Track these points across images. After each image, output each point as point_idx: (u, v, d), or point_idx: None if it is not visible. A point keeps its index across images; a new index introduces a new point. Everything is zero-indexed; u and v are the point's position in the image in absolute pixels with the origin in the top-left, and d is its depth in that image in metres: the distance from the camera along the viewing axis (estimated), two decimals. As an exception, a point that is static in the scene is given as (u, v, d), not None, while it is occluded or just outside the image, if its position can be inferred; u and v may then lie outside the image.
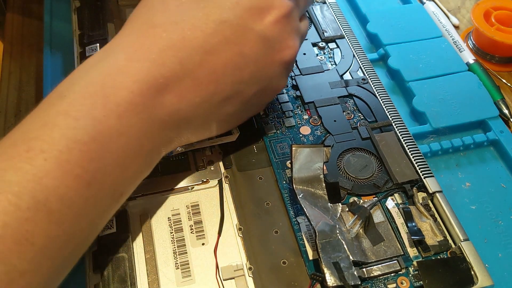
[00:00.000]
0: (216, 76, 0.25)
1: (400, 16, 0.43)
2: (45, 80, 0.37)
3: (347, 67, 0.37)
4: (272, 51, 0.27)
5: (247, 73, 0.26)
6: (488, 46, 0.42)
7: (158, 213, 0.28)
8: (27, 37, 0.42)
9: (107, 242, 0.26)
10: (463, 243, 0.27)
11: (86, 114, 0.21)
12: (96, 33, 0.37)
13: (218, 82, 0.25)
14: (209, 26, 0.24)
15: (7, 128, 0.36)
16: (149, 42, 0.24)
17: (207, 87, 0.25)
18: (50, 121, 0.21)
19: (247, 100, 0.27)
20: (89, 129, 0.21)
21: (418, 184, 0.30)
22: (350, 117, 0.33)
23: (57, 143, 0.21)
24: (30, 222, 0.19)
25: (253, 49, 0.26)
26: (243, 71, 0.26)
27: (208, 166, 0.30)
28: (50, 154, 0.20)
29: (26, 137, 0.21)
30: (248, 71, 0.26)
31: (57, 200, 0.20)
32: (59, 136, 0.21)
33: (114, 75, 0.23)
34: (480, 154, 0.35)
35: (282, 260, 0.26)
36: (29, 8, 0.45)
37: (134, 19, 0.26)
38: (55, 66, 0.38)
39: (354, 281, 0.24)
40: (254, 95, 0.27)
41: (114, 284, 0.25)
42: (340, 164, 0.31)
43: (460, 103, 0.36)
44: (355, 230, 0.27)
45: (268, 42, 0.26)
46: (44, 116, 0.22)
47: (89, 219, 0.22)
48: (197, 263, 0.26)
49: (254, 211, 0.28)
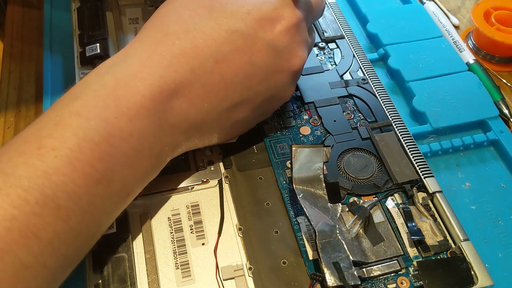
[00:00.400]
0: (225, 83, 0.26)
1: (400, 16, 0.43)
2: (45, 80, 0.37)
3: (347, 67, 0.37)
4: (281, 61, 0.27)
5: (256, 81, 0.27)
6: (488, 46, 0.42)
7: (158, 213, 0.28)
8: (27, 37, 0.42)
9: (107, 242, 0.26)
10: (463, 243, 0.27)
11: (98, 115, 0.22)
12: (96, 33, 0.37)
13: (228, 89, 0.26)
14: (221, 36, 0.25)
15: (6, 128, 0.36)
16: (162, 49, 0.25)
17: (217, 94, 0.26)
18: (63, 121, 0.22)
19: (254, 107, 0.28)
20: (100, 129, 0.22)
21: (418, 184, 0.30)
22: (350, 117, 0.33)
23: (68, 142, 0.21)
24: (38, 216, 0.20)
25: (262, 58, 0.26)
26: (252, 79, 0.27)
27: (208, 166, 0.30)
28: (61, 152, 0.21)
29: (38, 135, 0.21)
30: (257, 79, 0.27)
31: (65, 197, 0.21)
32: (70, 135, 0.21)
33: (127, 79, 0.23)
34: (480, 154, 0.35)
35: (282, 260, 0.26)
36: (29, 8, 0.45)
37: (149, 27, 0.26)
38: (55, 66, 0.38)
39: (354, 281, 0.24)
40: (261, 102, 0.28)
41: (114, 284, 0.25)
42: (340, 164, 0.31)
43: (460, 103, 0.36)
44: (355, 230, 0.27)
45: (277, 52, 0.27)
46: (56, 115, 0.22)
47: (96, 217, 0.23)
48: (197, 263, 0.26)
49: (254, 211, 0.28)
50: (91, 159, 0.22)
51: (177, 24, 0.25)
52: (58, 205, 0.20)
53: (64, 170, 0.21)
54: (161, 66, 0.24)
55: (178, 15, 0.26)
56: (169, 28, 0.25)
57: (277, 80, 0.28)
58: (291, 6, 0.27)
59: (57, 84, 0.37)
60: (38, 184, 0.20)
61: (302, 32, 0.28)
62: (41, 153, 0.21)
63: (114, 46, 0.37)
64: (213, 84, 0.25)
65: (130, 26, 0.39)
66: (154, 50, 0.24)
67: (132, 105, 0.23)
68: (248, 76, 0.26)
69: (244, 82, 0.26)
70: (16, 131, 0.35)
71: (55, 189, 0.20)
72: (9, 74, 0.39)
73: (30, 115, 0.36)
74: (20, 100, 0.37)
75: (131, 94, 0.23)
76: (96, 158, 0.22)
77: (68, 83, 0.36)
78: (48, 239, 0.20)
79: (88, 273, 0.25)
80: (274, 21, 0.27)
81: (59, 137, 0.21)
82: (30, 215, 0.19)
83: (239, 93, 0.27)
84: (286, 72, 0.28)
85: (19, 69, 0.39)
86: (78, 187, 0.21)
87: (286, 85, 0.29)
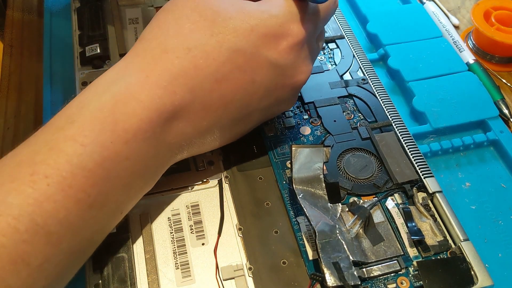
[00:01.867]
0: (225, 102, 0.25)
1: (400, 16, 0.43)
2: (45, 80, 0.37)
3: (347, 67, 0.37)
4: (284, 78, 0.26)
5: (256, 98, 0.26)
6: (488, 46, 0.42)
7: (158, 213, 0.28)
8: (27, 38, 0.42)
9: (107, 242, 0.26)
10: (463, 243, 0.27)
11: (94, 141, 0.22)
12: (96, 33, 0.37)
13: (227, 107, 0.25)
14: (222, 54, 0.24)
15: (6, 129, 0.36)
16: (160, 68, 0.23)
17: (215, 112, 0.25)
18: (57, 146, 0.21)
19: (253, 122, 0.28)
20: (95, 155, 0.21)
21: (418, 184, 0.30)
22: (350, 117, 0.33)
23: (61, 169, 0.21)
24: (28, 243, 0.19)
25: (264, 76, 0.25)
26: (252, 96, 0.26)
27: (208, 166, 0.30)
28: (54, 179, 0.20)
29: (32, 159, 0.21)
30: (257, 96, 0.26)
31: (56, 223, 0.20)
32: (64, 162, 0.21)
33: (125, 101, 0.23)
34: (480, 154, 0.35)
35: (282, 260, 0.26)
36: (29, 8, 0.45)
37: (147, 39, 0.25)
38: (55, 66, 0.38)
39: (354, 281, 0.24)
40: (260, 116, 0.28)
41: (114, 284, 0.25)
42: (340, 164, 0.31)
43: (460, 103, 0.36)
44: (355, 230, 0.27)
45: (280, 69, 0.26)
46: (51, 139, 0.22)
47: (88, 237, 0.23)
48: (197, 263, 0.26)
49: (254, 211, 0.28)
50: (84, 185, 0.21)
51: (177, 38, 0.24)
52: (48, 231, 0.20)
53: (56, 197, 0.20)
54: (160, 87, 0.23)
55: (178, 28, 0.24)
56: (168, 43, 0.24)
57: (279, 96, 0.27)
58: (298, 21, 0.26)
59: (57, 84, 0.37)
60: (28, 212, 0.20)
61: (309, 46, 0.27)
62: (34, 179, 0.20)
63: (114, 46, 0.37)
64: (212, 103, 0.25)
65: (130, 26, 0.39)
66: (153, 69, 0.23)
67: (129, 128, 0.22)
68: (248, 93, 0.25)
69: (244, 99, 0.26)
70: (16, 132, 0.35)
71: (46, 216, 0.20)
72: (9, 74, 0.39)
73: (30, 116, 0.36)
74: (20, 101, 0.37)
75: (128, 117, 0.22)
76: (90, 184, 0.21)
77: (68, 83, 0.36)
78: (37, 264, 0.20)
79: (88, 273, 0.25)
80: (279, 37, 0.25)
81: (52, 164, 0.21)
82: (19, 242, 0.19)
83: (239, 110, 0.26)
84: (288, 88, 0.27)
85: (19, 70, 0.39)
86: (70, 213, 0.21)
87: (287, 99, 0.28)
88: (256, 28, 0.25)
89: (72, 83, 0.35)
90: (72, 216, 0.21)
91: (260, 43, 0.25)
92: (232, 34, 0.24)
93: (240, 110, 0.26)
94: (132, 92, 0.23)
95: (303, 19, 0.26)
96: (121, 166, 0.22)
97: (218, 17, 0.24)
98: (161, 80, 0.23)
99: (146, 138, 0.23)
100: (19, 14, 0.44)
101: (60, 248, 0.21)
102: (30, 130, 0.35)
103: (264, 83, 0.26)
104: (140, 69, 0.24)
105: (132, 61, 0.24)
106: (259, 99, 0.26)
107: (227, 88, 0.25)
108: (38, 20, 0.43)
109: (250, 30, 0.24)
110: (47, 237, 0.20)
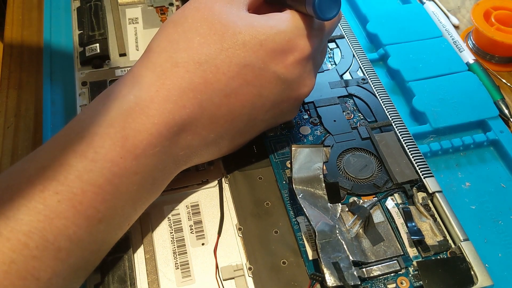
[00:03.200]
0: (233, 115, 0.25)
1: (400, 16, 0.43)
2: (45, 79, 0.37)
3: (347, 67, 0.37)
4: (290, 91, 0.27)
5: (262, 111, 0.27)
6: (488, 46, 0.42)
7: (158, 213, 0.28)
8: (27, 37, 0.42)
9: (107, 242, 0.26)
10: (463, 243, 0.27)
11: (104, 157, 0.22)
12: (96, 33, 0.37)
13: (234, 120, 0.26)
14: (231, 69, 0.24)
15: (6, 128, 0.36)
16: (171, 82, 0.24)
17: (223, 125, 0.26)
18: (67, 162, 0.21)
19: (257, 131, 0.29)
20: (105, 171, 0.22)
21: (418, 184, 0.30)
22: (350, 117, 0.33)
23: (72, 185, 0.21)
24: (37, 259, 0.20)
25: (271, 90, 0.26)
26: (258, 110, 0.26)
27: (208, 166, 0.30)
28: (64, 196, 0.21)
29: (42, 175, 0.21)
30: (263, 109, 0.27)
31: (66, 239, 0.21)
32: (74, 178, 0.21)
33: (135, 116, 0.23)
34: (480, 154, 0.35)
35: (282, 260, 0.26)
36: (29, 8, 0.45)
37: (156, 52, 0.25)
38: (54, 66, 0.38)
39: (354, 281, 0.24)
40: (264, 126, 0.29)
41: (114, 284, 0.25)
42: (340, 164, 0.31)
43: (460, 103, 0.36)
44: (355, 230, 0.27)
45: (286, 83, 0.26)
46: (61, 154, 0.22)
47: (95, 250, 0.23)
48: (197, 263, 0.26)
49: (254, 211, 0.28)
50: (94, 201, 0.21)
51: (187, 52, 0.24)
52: (58, 247, 0.20)
53: (66, 214, 0.21)
54: (170, 102, 0.23)
55: (188, 42, 0.24)
56: (178, 57, 0.24)
57: (284, 107, 0.28)
58: (304, 37, 0.26)
59: (57, 84, 0.37)
60: (39, 228, 0.20)
61: (314, 60, 0.28)
62: (44, 196, 0.20)
63: (113, 46, 0.37)
64: (220, 117, 0.25)
65: (130, 26, 0.39)
66: (163, 83, 0.24)
67: (139, 144, 0.23)
68: (255, 107, 0.26)
69: (251, 112, 0.26)
70: (16, 131, 0.35)
71: (56, 233, 0.20)
72: (9, 74, 0.39)
73: (30, 115, 0.36)
74: (20, 100, 0.37)
75: (138, 133, 0.23)
76: (99, 201, 0.22)
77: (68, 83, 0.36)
78: (47, 279, 0.20)
79: (88, 273, 0.26)
80: (286, 52, 0.26)
81: (62, 180, 0.21)
82: (29, 258, 0.20)
83: (245, 123, 0.27)
84: (293, 100, 0.28)
85: (19, 69, 0.39)
86: (79, 229, 0.21)
87: (291, 110, 0.29)
88: (264, 43, 0.25)
89: (72, 83, 0.35)
90: (82, 231, 0.21)
91: (268, 58, 0.25)
92: (241, 49, 0.24)
93: (247, 122, 0.27)
94: (142, 107, 0.23)
95: (309, 35, 0.26)
96: (130, 181, 0.23)
97: (227, 31, 0.24)
98: (171, 95, 0.23)
99: (155, 153, 0.23)
100: (19, 13, 0.44)
101: (68, 263, 0.21)
102: (30, 129, 0.36)
103: (270, 96, 0.26)
104: (150, 83, 0.24)
105: (141, 74, 0.24)
106: (265, 111, 0.27)
107: (235, 102, 0.25)
108: (38, 19, 0.43)
109: (259, 45, 0.25)
110: (56, 253, 0.20)
